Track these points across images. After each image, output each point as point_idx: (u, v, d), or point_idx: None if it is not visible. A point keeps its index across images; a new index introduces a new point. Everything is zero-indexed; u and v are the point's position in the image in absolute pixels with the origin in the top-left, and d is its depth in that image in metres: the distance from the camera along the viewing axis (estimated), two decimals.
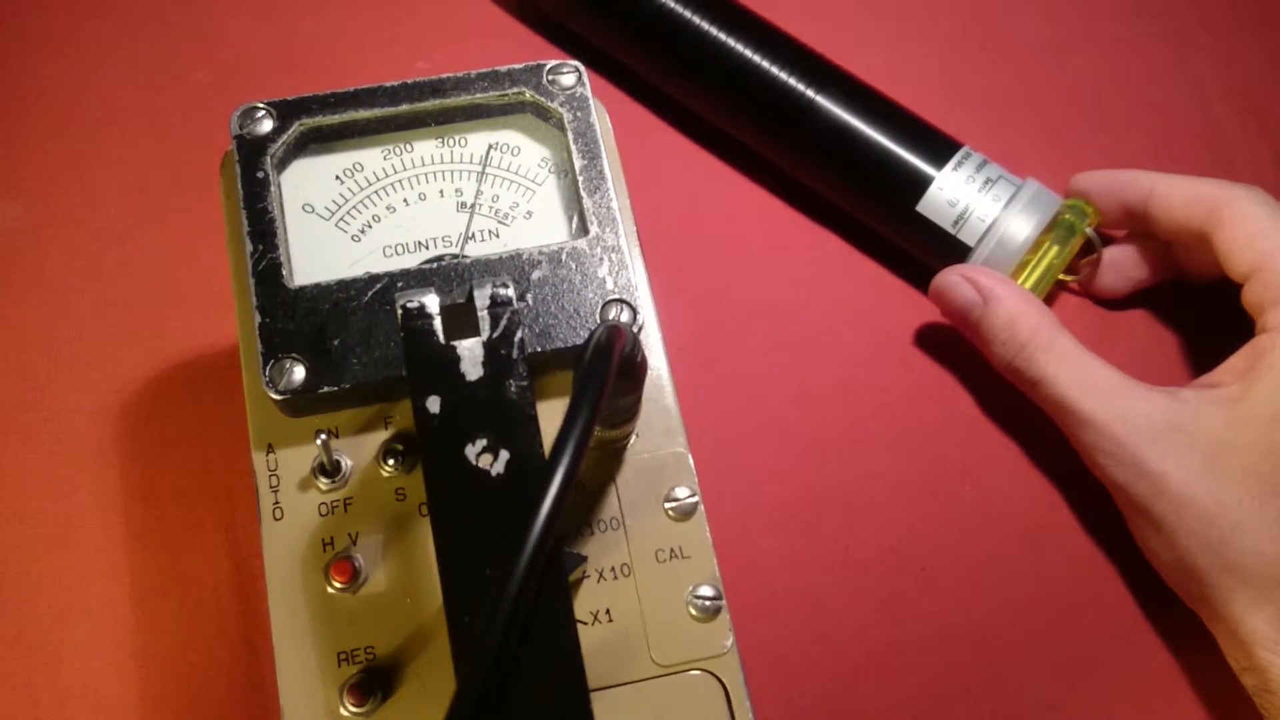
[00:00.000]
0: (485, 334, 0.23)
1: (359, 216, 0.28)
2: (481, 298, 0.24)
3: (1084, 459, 0.33)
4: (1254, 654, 0.30)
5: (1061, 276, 0.37)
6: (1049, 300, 0.38)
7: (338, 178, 0.28)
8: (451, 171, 0.28)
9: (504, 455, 0.22)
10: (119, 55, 0.41)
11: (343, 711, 0.24)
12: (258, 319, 0.25)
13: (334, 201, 0.28)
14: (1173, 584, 0.32)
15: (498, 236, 0.28)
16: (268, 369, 0.24)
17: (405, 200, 0.28)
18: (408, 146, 0.28)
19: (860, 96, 0.38)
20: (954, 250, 0.36)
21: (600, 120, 0.28)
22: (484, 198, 0.28)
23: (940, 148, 0.37)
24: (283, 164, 0.27)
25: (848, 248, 0.39)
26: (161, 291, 0.37)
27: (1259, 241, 0.32)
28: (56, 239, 0.38)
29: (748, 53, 0.38)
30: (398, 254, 0.27)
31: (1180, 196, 0.34)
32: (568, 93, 0.28)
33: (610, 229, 0.26)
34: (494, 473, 0.22)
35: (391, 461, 0.26)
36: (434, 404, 0.22)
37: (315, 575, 0.25)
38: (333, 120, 0.27)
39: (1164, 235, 0.36)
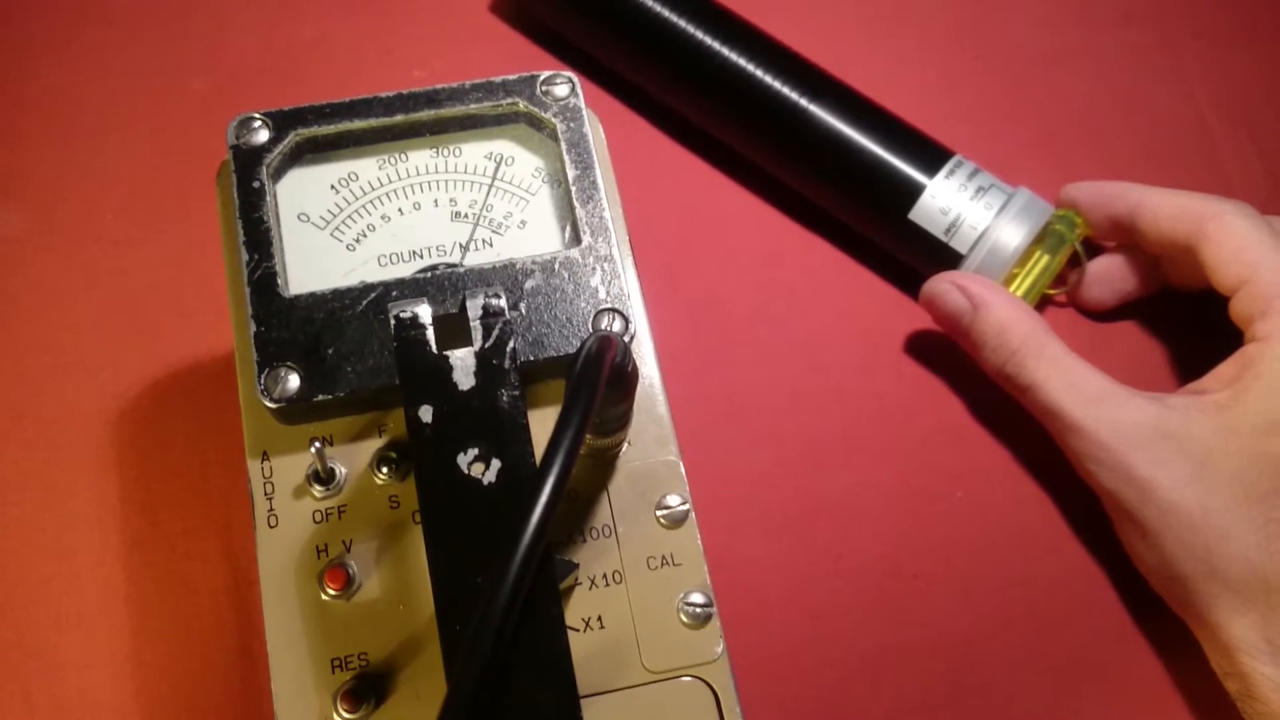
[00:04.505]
0: (477, 344, 0.23)
1: (354, 226, 0.28)
2: (474, 308, 0.24)
3: (1074, 465, 0.34)
4: (1236, 660, 0.30)
5: (1048, 291, 0.38)
6: (1038, 309, 0.38)
7: (333, 187, 0.28)
8: (446, 181, 0.28)
9: (495, 464, 0.22)
10: (119, 64, 0.41)
11: (336, 718, 0.24)
12: (253, 328, 0.25)
13: (329, 211, 0.28)
14: (1159, 589, 0.33)
15: (491, 246, 0.28)
16: (263, 377, 0.25)
17: (400, 210, 0.28)
18: (403, 156, 0.29)
19: (853, 104, 0.38)
20: (946, 258, 0.37)
21: (593, 130, 0.28)
22: (478, 207, 0.28)
23: (932, 156, 0.37)
24: (278, 173, 0.28)
25: (840, 255, 0.40)
26: (159, 299, 0.37)
27: (1245, 255, 0.32)
28: (55, 246, 0.38)
29: (741, 61, 0.38)
30: (392, 263, 0.27)
31: (1166, 210, 0.35)
32: (561, 103, 0.28)
33: (603, 238, 0.27)
34: (485, 482, 0.22)
35: (385, 469, 0.26)
36: (426, 413, 0.22)
37: (309, 582, 0.25)
38: (328, 130, 0.28)
39: (1150, 248, 0.36)
